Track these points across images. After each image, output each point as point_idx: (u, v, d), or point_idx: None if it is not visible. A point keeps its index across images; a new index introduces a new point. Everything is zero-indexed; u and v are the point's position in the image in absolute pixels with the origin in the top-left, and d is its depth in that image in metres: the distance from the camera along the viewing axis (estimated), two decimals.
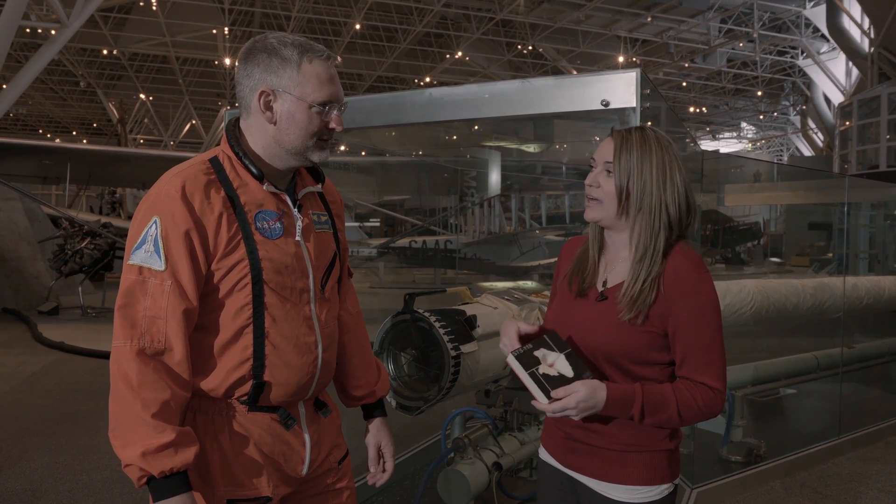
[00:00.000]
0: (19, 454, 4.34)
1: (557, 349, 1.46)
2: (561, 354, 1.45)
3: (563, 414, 1.40)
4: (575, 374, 1.42)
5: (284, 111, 1.44)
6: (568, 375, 1.42)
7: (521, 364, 1.44)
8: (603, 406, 1.40)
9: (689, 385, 1.45)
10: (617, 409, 1.42)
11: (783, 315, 4.58)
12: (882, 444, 4.85)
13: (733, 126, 39.29)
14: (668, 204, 1.49)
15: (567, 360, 1.44)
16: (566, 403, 1.38)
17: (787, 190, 10.78)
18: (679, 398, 1.43)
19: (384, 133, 11.40)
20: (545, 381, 1.42)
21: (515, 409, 3.22)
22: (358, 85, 29.89)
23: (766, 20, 22.83)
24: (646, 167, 1.49)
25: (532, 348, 1.46)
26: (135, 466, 1.31)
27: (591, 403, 1.39)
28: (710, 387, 1.45)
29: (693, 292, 1.46)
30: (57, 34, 12.24)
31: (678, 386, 1.45)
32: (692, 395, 1.44)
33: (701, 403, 1.44)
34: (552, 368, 1.44)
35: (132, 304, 1.36)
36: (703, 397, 1.44)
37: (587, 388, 1.38)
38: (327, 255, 1.58)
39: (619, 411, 1.43)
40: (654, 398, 1.42)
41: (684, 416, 1.44)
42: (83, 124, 39.29)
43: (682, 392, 1.44)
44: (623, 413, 1.43)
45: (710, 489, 3.78)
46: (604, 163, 1.54)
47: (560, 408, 1.39)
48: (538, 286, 7.24)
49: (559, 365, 1.44)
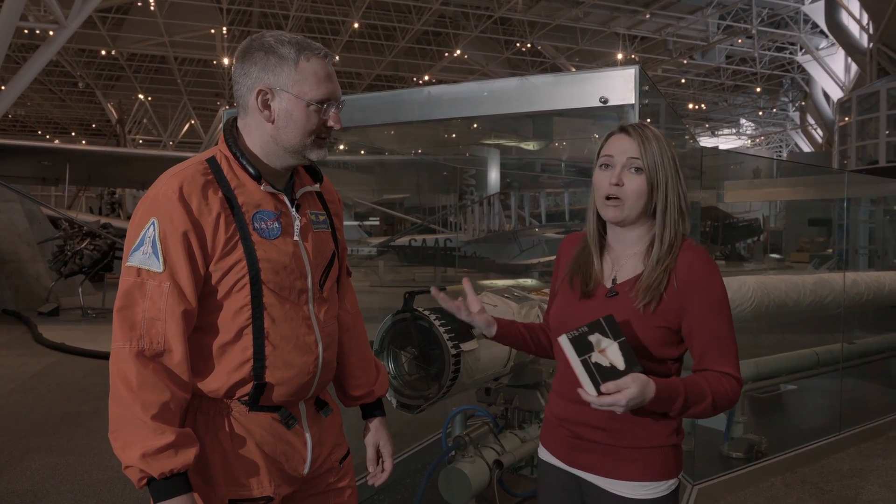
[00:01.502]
0: (20, 455, 4.34)
1: (612, 336, 1.38)
2: (615, 342, 1.37)
3: (609, 408, 1.34)
4: (626, 367, 1.35)
5: (282, 109, 1.44)
6: (619, 367, 1.35)
7: (575, 348, 1.36)
8: (650, 402, 1.36)
9: (717, 376, 1.46)
10: (660, 404, 1.40)
11: (783, 311, 4.57)
12: (883, 440, 4.86)
13: (732, 122, 39.28)
14: (683, 196, 1.53)
15: (620, 349, 1.36)
16: (616, 399, 1.31)
17: (787, 186, 10.78)
18: (713, 389, 1.44)
19: (383, 132, 11.38)
20: (597, 371, 1.34)
21: (516, 406, 3.22)
22: (357, 84, 29.87)
23: (764, 16, 22.80)
24: (666, 162, 1.51)
25: (587, 332, 1.38)
26: (135, 468, 1.31)
27: (640, 400, 1.34)
28: (732, 376, 1.47)
29: (707, 285, 1.48)
30: (55, 35, 12.23)
31: (708, 377, 1.46)
32: (721, 385, 1.45)
33: (729, 392, 1.46)
34: (604, 356, 1.36)
35: (131, 306, 1.36)
36: (730, 386, 1.46)
37: (638, 385, 1.33)
38: (326, 254, 1.58)
39: (661, 406, 1.41)
40: (695, 392, 1.43)
41: (717, 406, 1.45)
42: (82, 125, 39.27)
43: (713, 383, 1.45)
44: (665, 408, 1.42)
45: (711, 485, 3.78)
46: (627, 158, 1.51)
47: (609, 402, 1.32)
48: (538, 284, 7.24)
49: (611, 353, 1.36)
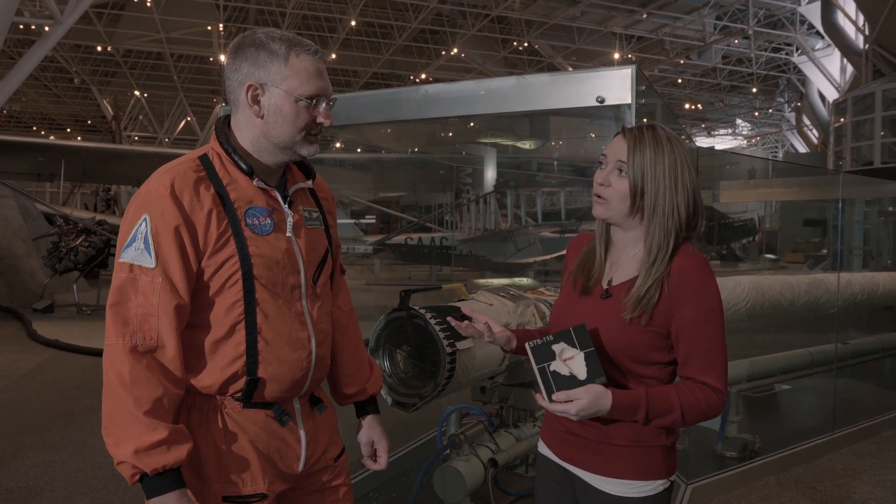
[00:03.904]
0: (14, 452, 4.32)
1: (579, 346, 1.41)
2: (581, 352, 1.41)
3: (563, 415, 1.41)
4: (588, 377, 1.39)
5: (272, 105, 1.44)
6: (580, 377, 1.39)
7: (535, 356, 1.42)
8: (606, 413, 1.40)
9: (692, 386, 1.45)
10: (621, 414, 1.42)
11: (778, 311, 4.59)
12: (876, 440, 4.88)
13: (728, 123, 39.36)
14: (680, 206, 1.48)
15: (585, 359, 1.41)
16: (566, 409, 1.38)
17: (782, 186, 10.81)
18: (683, 400, 1.43)
19: (379, 130, 11.39)
20: (553, 379, 1.40)
21: (511, 405, 3.23)
22: (353, 82, 29.84)
23: (761, 17, 22.84)
24: (659, 169, 1.48)
25: (552, 341, 1.43)
26: (128, 464, 1.31)
27: (593, 411, 1.39)
28: (712, 387, 1.44)
29: (698, 292, 1.46)
30: (50, 31, 12.19)
31: (681, 387, 1.45)
32: (695, 396, 1.43)
33: (704, 405, 1.43)
34: (566, 364, 1.40)
35: (124, 302, 1.36)
36: (706, 398, 1.43)
37: (589, 397, 1.37)
38: (319, 251, 1.58)
39: (623, 416, 1.43)
40: (659, 403, 1.42)
41: (688, 418, 1.44)
42: (77, 121, 39.15)
43: (685, 394, 1.43)
44: (628, 418, 1.44)
45: (705, 485, 3.79)
46: (616, 161, 1.51)
47: (560, 410, 1.39)
48: (534, 283, 7.24)
49: (575, 363, 1.40)
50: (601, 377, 1.40)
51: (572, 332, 1.43)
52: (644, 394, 1.42)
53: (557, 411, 1.39)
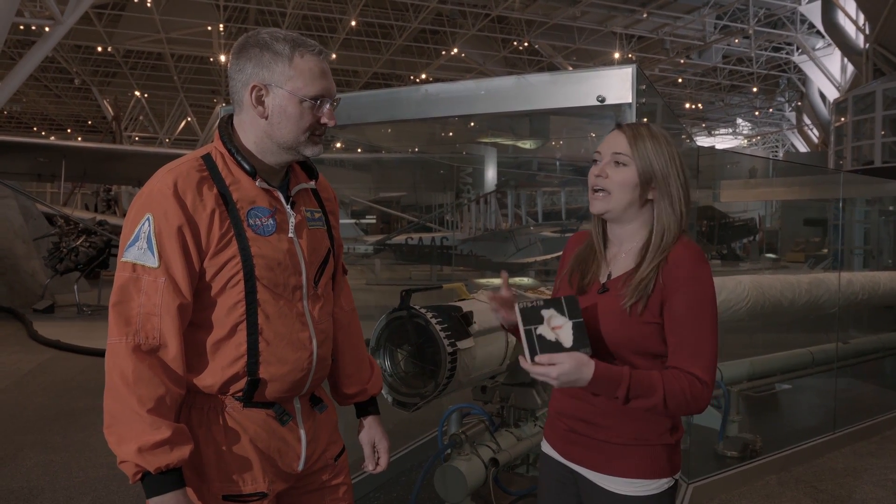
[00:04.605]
0: (14, 452, 4.33)
1: (568, 315, 1.42)
2: (570, 321, 1.41)
3: (543, 380, 1.40)
4: (573, 346, 1.40)
5: (276, 105, 1.44)
6: (565, 345, 1.40)
7: (523, 317, 1.42)
8: (588, 383, 1.39)
9: (679, 374, 1.44)
10: (602, 387, 1.41)
11: (778, 311, 4.59)
12: (877, 439, 4.88)
13: (729, 122, 39.36)
14: (682, 191, 1.53)
15: (573, 329, 1.41)
16: (547, 371, 1.37)
17: (783, 186, 10.79)
18: (667, 386, 1.42)
19: (380, 130, 11.38)
20: (538, 342, 1.40)
21: (512, 405, 3.23)
22: (353, 82, 29.84)
23: (761, 16, 22.84)
24: (662, 157, 1.52)
25: (542, 306, 1.43)
26: (130, 462, 1.32)
27: (574, 378, 1.38)
28: (698, 378, 1.43)
29: (690, 282, 1.47)
30: (51, 31, 12.21)
31: (667, 374, 1.44)
32: (680, 384, 1.42)
33: (688, 393, 1.42)
34: (554, 331, 1.41)
35: (126, 301, 1.36)
36: (690, 388, 1.43)
37: (572, 363, 1.37)
38: (320, 251, 1.58)
39: (604, 390, 1.42)
40: (642, 382, 1.41)
41: (670, 405, 1.42)
42: (78, 122, 39.16)
43: (670, 381, 1.43)
44: (609, 393, 1.42)
45: (706, 484, 3.79)
46: (612, 154, 1.54)
47: (540, 372, 1.38)
48: (534, 282, 7.24)
49: (563, 331, 1.41)
50: (587, 348, 1.40)
51: (563, 300, 1.44)
52: (628, 371, 1.42)
53: (538, 374, 1.38)
